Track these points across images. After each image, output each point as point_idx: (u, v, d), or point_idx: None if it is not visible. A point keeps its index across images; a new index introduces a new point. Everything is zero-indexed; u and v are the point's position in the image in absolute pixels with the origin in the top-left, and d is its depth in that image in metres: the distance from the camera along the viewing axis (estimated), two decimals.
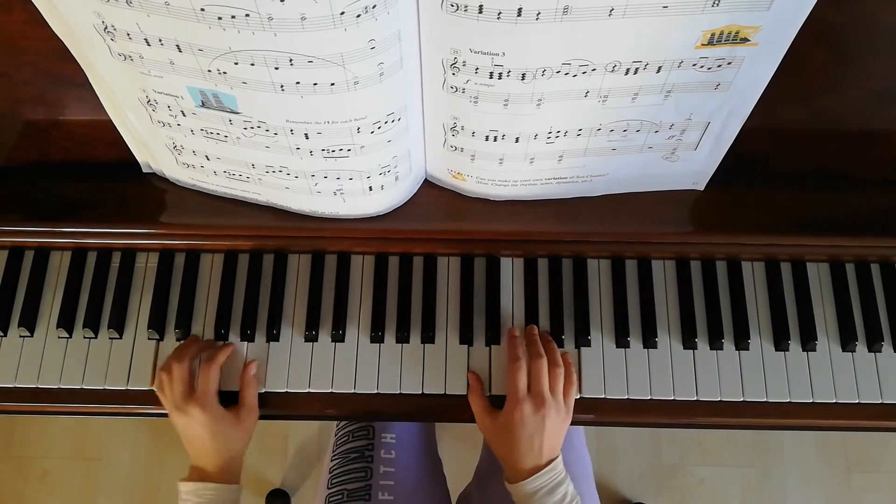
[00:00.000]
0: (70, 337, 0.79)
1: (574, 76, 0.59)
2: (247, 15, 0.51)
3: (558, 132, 0.67)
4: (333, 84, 0.57)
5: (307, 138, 0.64)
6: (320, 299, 0.79)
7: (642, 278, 0.80)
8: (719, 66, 0.60)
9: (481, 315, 0.79)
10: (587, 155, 0.71)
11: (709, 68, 0.60)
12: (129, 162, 0.78)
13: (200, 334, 0.79)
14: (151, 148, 0.75)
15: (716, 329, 0.78)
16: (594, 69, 0.59)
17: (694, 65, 0.59)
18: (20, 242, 0.81)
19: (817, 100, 0.71)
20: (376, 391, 0.77)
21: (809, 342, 0.78)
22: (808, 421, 0.77)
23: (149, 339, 0.79)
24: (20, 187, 0.80)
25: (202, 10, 0.52)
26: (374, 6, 0.51)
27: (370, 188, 0.72)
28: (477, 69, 0.58)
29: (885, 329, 0.79)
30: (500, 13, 0.52)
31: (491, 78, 0.59)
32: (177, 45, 0.56)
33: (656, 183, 0.77)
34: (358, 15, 0.51)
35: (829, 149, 0.77)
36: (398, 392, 0.77)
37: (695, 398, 0.77)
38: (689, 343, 0.78)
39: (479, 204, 0.78)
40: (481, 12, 0.52)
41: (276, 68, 0.56)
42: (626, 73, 0.60)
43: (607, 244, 0.80)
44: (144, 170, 0.80)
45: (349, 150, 0.66)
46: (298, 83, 0.57)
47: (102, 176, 0.79)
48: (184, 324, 0.79)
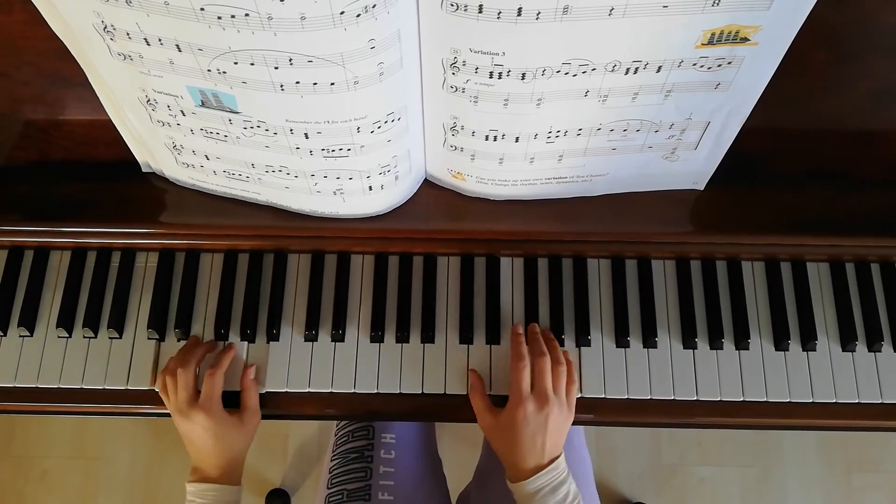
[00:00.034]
0: (70, 337, 0.79)
1: (574, 76, 0.59)
2: (246, 14, 0.51)
3: (558, 132, 0.67)
4: (333, 84, 0.57)
5: (307, 138, 0.64)
6: (320, 299, 0.79)
7: (642, 278, 0.80)
8: (719, 66, 0.60)
9: (481, 315, 0.79)
10: (587, 154, 0.71)
11: (709, 68, 0.60)
12: (129, 162, 0.78)
13: (200, 334, 0.79)
14: (151, 147, 0.75)
15: (716, 329, 0.78)
16: (594, 69, 0.59)
17: (694, 64, 0.59)
18: (20, 242, 0.81)
19: (817, 100, 0.71)
20: (376, 391, 0.77)
21: (809, 342, 0.78)
22: (809, 421, 0.77)
23: (149, 339, 0.79)
24: (20, 187, 0.80)
25: (202, 10, 0.52)
26: (374, 6, 0.51)
27: (370, 188, 0.72)
28: (477, 69, 0.58)
29: (885, 329, 0.79)
30: (500, 13, 0.52)
31: (491, 77, 0.59)
32: (176, 45, 0.56)
33: (656, 183, 0.77)
34: (358, 14, 0.51)
35: (829, 149, 0.77)
36: (398, 392, 0.77)
37: (695, 398, 0.77)
38: (689, 343, 0.78)
39: (479, 204, 0.78)
40: (481, 12, 0.52)
41: (276, 68, 0.56)
42: (626, 73, 0.60)
43: (607, 244, 0.80)
44: (144, 169, 0.80)
45: (349, 150, 0.66)
46: (298, 83, 0.57)
47: (102, 176, 0.79)
48: (184, 323, 0.79)
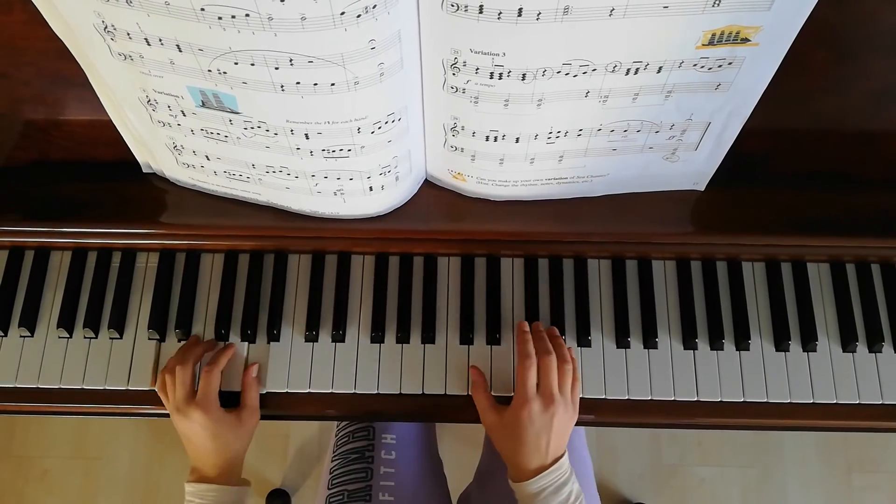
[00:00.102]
0: (70, 337, 0.79)
1: (574, 76, 0.59)
2: (247, 15, 0.51)
3: (559, 132, 0.67)
4: (334, 84, 0.57)
5: (307, 138, 0.64)
6: (320, 299, 0.79)
7: (643, 278, 0.80)
8: (720, 67, 0.60)
9: (482, 315, 0.79)
10: (588, 155, 0.71)
11: (709, 68, 0.60)
12: (129, 162, 0.78)
13: (201, 334, 0.79)
14: (151, 148, 0.75)
15: (716, 329, 0.78)
16: (595, 69, 0.59)
17: (694, 65, 0.59)
18: (20, 242, 0.81)
19: (817, 100, 0.71)
20: (377, 391, 0.77)
21: (810, 342, 0.78)
22: (809, 421, 0.77)
23: (149, 340, 0.79)
24: (20, 187, 0.80)
25: (202, 10, 0.52)
26: (375, 6, 0.51)
27: (370, 188, 0.72)
28: (477, 69, 0.58)
29: (886, 329, 0.79)
30: (501, 13, 0.52)
31: (491, 78, 0.59)
32: (177, 45, 0.56)
33: (657, 183, 0.77)
34: (358, 15, 0.51)
35: (830, 149, 0.77)
36: (398, 392, 0.77)
37: (695, 398, 0.77)
38: (690, 343, 0.78)
39: (480, 204, 0.78)
40: (482, 12, 0.52)
41: (277, 68, 0.56)
42: (627, 74, 0.59)
43: (608, 244, 0.80)
44: (144, 170, 0.80)
45: (349, 151, 0.66)
46: (298, 83, 0.57)
47: (102, 176, 0.79)
48: (184, 324, 0.79)
